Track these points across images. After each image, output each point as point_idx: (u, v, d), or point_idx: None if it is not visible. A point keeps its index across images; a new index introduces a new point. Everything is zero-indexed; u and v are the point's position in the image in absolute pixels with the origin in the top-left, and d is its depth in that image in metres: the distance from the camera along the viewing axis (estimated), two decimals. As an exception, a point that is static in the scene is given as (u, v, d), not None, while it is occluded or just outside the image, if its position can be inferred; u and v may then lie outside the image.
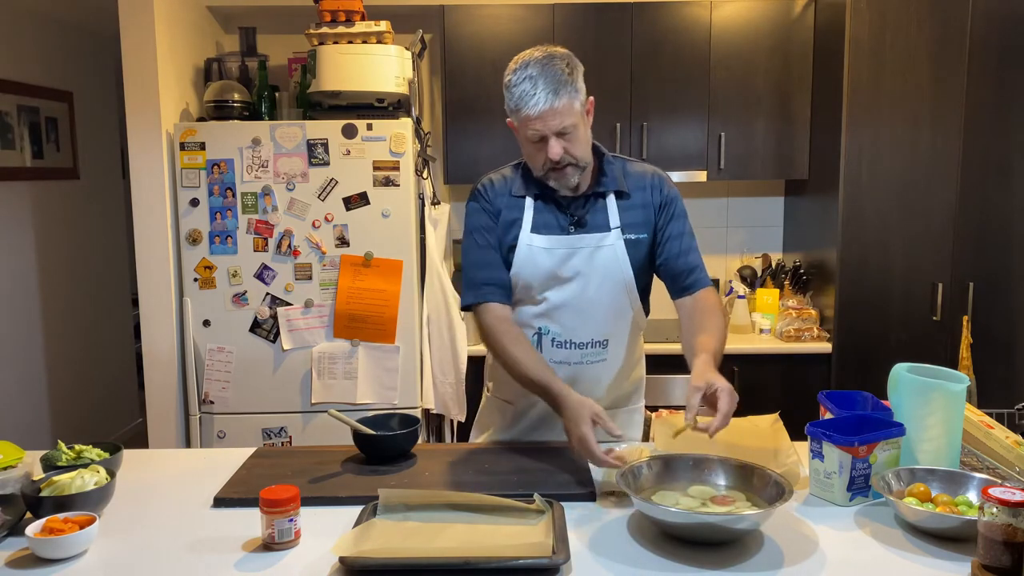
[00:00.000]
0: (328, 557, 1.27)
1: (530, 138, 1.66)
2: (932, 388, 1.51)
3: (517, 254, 1.77)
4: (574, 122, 1.64)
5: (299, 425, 2.98)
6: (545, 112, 1.61)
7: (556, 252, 1.75)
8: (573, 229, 1.76)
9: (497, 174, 1.84)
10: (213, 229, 2.92)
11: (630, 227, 1.77)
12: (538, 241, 1.76)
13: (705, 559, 1.28)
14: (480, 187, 1.83)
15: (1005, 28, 2.91)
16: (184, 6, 3.16)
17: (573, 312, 1.77)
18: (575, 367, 1.79)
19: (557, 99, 1.61)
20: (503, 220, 1.78)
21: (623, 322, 1.82)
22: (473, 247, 1.80)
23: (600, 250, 1.75)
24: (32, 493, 1.40)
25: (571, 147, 1.66)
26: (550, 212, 1.77)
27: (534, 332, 1.80)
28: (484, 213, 1.80)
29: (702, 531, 1.29)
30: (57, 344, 4.11)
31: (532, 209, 1.77)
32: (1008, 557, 1.15)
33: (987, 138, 2.95)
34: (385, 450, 1.70)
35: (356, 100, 2.98)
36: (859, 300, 3.06)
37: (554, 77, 1.61)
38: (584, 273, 1.75)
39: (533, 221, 1.76)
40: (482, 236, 1.79)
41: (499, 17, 3.23)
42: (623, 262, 1.76)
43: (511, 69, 1.66)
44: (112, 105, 4.66)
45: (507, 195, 1.79)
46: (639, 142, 3.26)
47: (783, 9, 3.23)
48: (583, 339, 1.78)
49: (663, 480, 1.47)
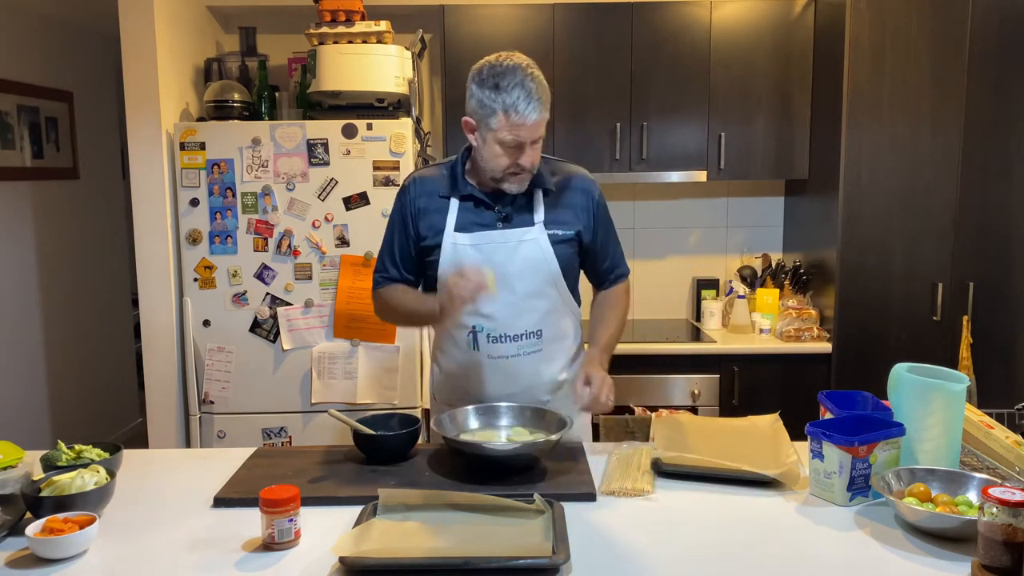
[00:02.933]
0: (328, 557, 1.27)
1: (506, 142, 1.70)
2: (932, 388, 1.51)
3: (443, 253, 1.81)
4: (543, 132, 1.74)
5: (299, 425, 2.98)
6: (537, 122, 1.69)
7: (481, 247, 1.80)
8: (500, 225, 1.81)
9: (425, 173, 1.90)
10: (213, 229, 2.92)
11: (555, 223, 1.83)
12: (462, 239, 1.80)
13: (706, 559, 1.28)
14: (406, 184, 1.90)
15: (1005, 28, 2.91)
16: (184, 6, 3.16)
17: (503, 306, 1.79)
18: (513, 360, 1.83)
19: (545, 110, 1.70)
20: (425, 221, 1.84)
21: (555, 313, 1.87)
22: (386, 240, 1.91)
23: (524, 244, 1.80)
24: (32, 493, 1.40)
25: (535, 155, 1.75)
26: (475, 211, 1.82)
27: (468, 331, 1.82)
28: (400, 211, 1.88)
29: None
30: (57, 344, 4.11)
31: (457, 209, 1.82)
32: (1008, 557, 1.15)
33: (987, 138, 2.95)
34: (385, 450, 1.70)
35: (356, 100, 2.98)
36: (859, 300, 3.06)
37: (542, 87, 1.69)
38: (509, 267, 1.79)
39: (457, 220, 1.81)
40: (392, 232, 1.89)
41: (499, 17, 3.23)
42: (548, 254, 1.81)
43: (496, 72, 1.69)
44: (112, 105, 4.66)
45: (433, 195, 1.85)
46: (639, 142, 3.26)
47: (783, 9, 3.23)
48: (516, 331, 1.82)
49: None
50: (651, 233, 3.67)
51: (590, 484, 1.55)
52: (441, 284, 1.74)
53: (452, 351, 1.88)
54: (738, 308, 3.33)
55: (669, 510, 1.47)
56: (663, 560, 1.28)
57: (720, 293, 3.61)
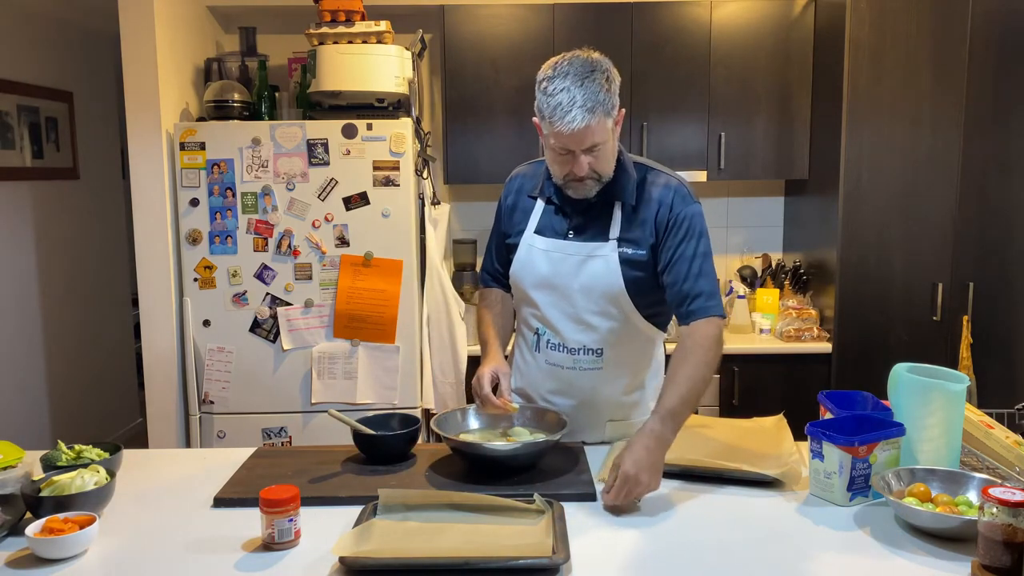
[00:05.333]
0: (328, 557, 1.27)
1: (555, 149, 1.61)
2: (932, 388, 1.51)
3: (519, 252, 1.80)
4: (604, 139, 1.59)
5: (299, 425, 2.98)
6: (578, 131, 1.54)
7: (552, 255, 1.75)
8: (571, 235, 1.74)
9: (525, 169, 1.90)
10: (213, 229, 2.92)
11: (630, 242, 1.69)
12: (539, 243, 1.77)
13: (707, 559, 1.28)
14: (510, 177, 1.91)
15: (1005, 28, 2.90)
16: (184, 6, 3.16)
17: (562, 317, 1.76)
18: (569, 372, 1.78)
19: (592, 117, 1.54)
20: (513, 218, 1.85)
21: (621, 335, 1.75)
22: (492, 235, 1.94)
23: (592, 259, 1.71)
24: (32, 493, 1.40)
25: (596, 163, 1.62)
26: (556, 216, 1.77)
27: (533, 332, 1.82)
28: (500, 204, 1.91)
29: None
30: (57, 344, 4.11)
31: (541, 211, 1.79)
32: (1008, 557, 1.15)
33: (987, 138, 2.95)
34: (385, 450, 1.70)
35: (356, 100, 2.98)
36: (859, 300, 3.06)
37: (592, 94, 1.53)
38: (572, 280, 1.73)
39: (539, 223, 1.79)
40: (495, 225, 1.92)
41: (499, 17, 3.23)
42: (614, 274, 1.69)
43: (548, 71, 1.58)
44: (112, 105, 4.66)
45: (522, 193, 1.85)
46: (639, 142, 3.26)
47: (783, 9, 3.23)
48: (574, 345, 1.76)
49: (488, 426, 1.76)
50: (651, 233, 3.67)
51: (590, 484, 1.55)
52: (477, 382, 1.74)
53: (523, 347, 1.88)
54: (738, 308, 3.33)
55: (669, 510, 1.47)
56: (663, 560, 1.28)
57: (720, 292, 3.61)
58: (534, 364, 1.83)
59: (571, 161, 1.61)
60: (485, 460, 1.59)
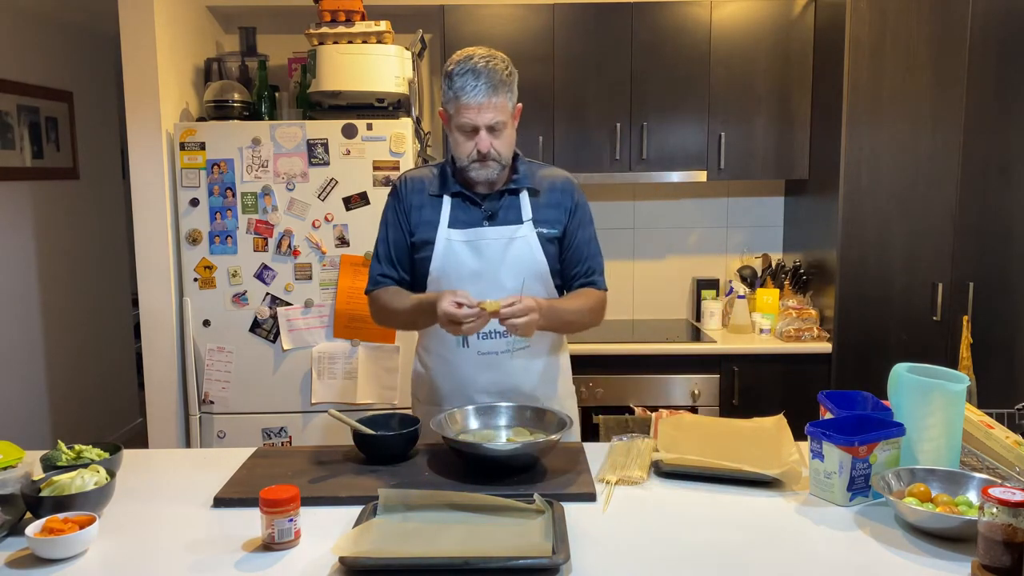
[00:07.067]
0: (328, 557, 1.27)
1: (462, 127, 1.77)
2: (932, 388, 1.51)
3: (436, 248, 1.85)
4: (504, 120, 1.77)
5: (299, 425, 2.98)
6: (483, 104, 1.73)
7: (474, 244, 1.83)
8: (487, 223, 1.84)
9: (416, 172, 1.95)
10: (213, 229, 2.92)
11: (542, 222, 1.87)
12: (456, 235, 1.84)
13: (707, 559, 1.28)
14: (397, 183, 1.94)
15: (1005, 28, 2.90)
16: (184, 6, 3.16)
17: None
18: (502, 356, 1.86)
19: (495, 95, 1.74)
20: (417, 218, 1.88)
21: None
22: (380, 240, 1.94)
23: (514, 241, 1.84)
24: (32, 493, 1.40)
25: (498, 143, 1.78)
26: (465, 208, 1.86)
27: None
28: (393, 209, 1.92)
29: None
30: (57, 344, 4.11)
31: (449, 206, 1.86)
32: (1008, 557, 1.15)
33: (987, 138, 2.95)
34: (385, 450, 1.70)
35: (356, 100, 2.98)
36: (859, 300, 3.06)
37: (495, 74, 1.74)
38: (499, 265, 1.83)
39: (451, 217, 1.85)
40: (386, 231, 1.92)
41: (499, 17, 3.23)
42: (537, 252, 1.85)
43: (454, 61, 1.77)
44: (112, 105, 4.66)
45: (423, 193, 1.89)
46: (639, 142, 3.26)
47: (783, 9, 3.23)
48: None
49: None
50: (651, 233, 3.68)
51: (590, 484, 1.55)
52: (441, 313, 1.68)
53: (439, 350, 1.90)
54: (738, 308, 3.33)
55: (669, 510, 1.47)
56: (663, 560, 1.28)
57: (720, 293, 3.61)
58: (463, 360, 1.87)
59: (475, 138, 1.77)
60: (485, 460, 1.59)
